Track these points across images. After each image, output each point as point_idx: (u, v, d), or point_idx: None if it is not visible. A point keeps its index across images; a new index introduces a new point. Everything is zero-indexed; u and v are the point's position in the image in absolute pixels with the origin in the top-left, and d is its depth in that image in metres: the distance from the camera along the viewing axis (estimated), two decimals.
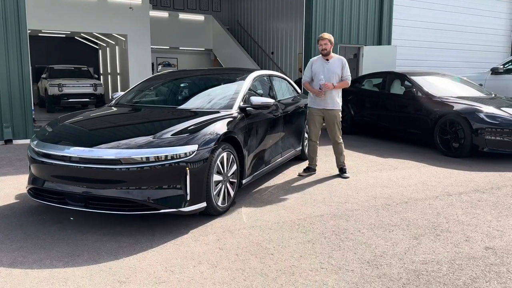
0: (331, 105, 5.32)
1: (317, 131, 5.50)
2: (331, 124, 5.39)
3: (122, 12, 13.79)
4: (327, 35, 5.29)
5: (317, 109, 5.40)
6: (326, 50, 5.28)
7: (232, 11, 19.15)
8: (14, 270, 2.88)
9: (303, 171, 5.57)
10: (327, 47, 5.27)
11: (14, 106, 7.84)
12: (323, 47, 5.28)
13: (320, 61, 5.39)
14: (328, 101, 5.31)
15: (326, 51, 5.28)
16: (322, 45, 5.29)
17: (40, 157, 3.74)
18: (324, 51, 5.30)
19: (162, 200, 3.47)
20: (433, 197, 4.59)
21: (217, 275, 2.81)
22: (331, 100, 5.31)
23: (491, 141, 6.23)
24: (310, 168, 5.59)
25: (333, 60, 5.34)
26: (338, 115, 5.39)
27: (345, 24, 10.86)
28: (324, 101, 5.32)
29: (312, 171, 5.59)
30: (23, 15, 7.75)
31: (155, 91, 5.63)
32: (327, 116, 5.37)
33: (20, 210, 4.10)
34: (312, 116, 5.47)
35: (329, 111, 5.34)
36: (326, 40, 5.26)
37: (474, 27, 13.43)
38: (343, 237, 3.45)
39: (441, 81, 8.09)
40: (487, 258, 3.07)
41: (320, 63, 5.37)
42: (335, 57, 5.39)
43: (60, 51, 18.05)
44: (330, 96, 5.29)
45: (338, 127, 5.42)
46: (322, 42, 5.28)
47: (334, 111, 5.35)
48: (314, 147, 5.57)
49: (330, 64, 5.30)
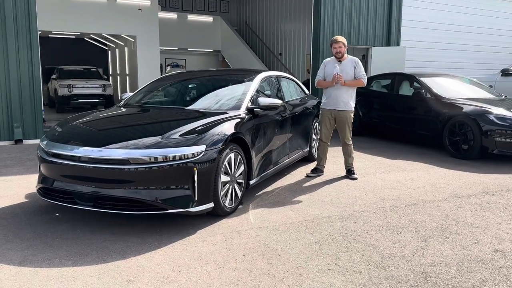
0: (342, 106, 5.29)
1: (327, 132, 5.47)
2: (341, 125, 5.37)
3: (131, 13, 13.88)
4: (341, 38, 5.22)
5: (328, 110, 5.38)
6: (341, 54, 5.23)
7: (241, 12, 19.18)
8: (24, 268, 2.91)
9: (311, 172, 5.56)
10: (341, 50, 5.21)
11: (24, 107, 7.93)
12: (337, 51, 5.22)
13: (333, 62, 5.36)
14: (340, 102, 5.27)
15: (341, 54, 5.23)
16: (336, 49, 5.23)
17: (49, 157, 3.78)
18: (338, 55, 5.24)
19: (170, 200, 3.48)
20: (442, 199, 4.55)
21: (224, 275, 2.82)
22: (343, 101, 5.27)
23: (501, 143, 6.17)
24: (317, 169, 5.58)
25: (346, 61, 5.30)
26: (350, 116, 5.35)
27: (353, 25, 10.83)
28: (336, 102, 5.29)
29: (320, 172, 5.57)
30: (33, 16, 7.84)
31: (163, 92, 5.66)
32: (338, 117, 5.35)
33: (30, 209, 4.15)
34: (323, 117, 5.46)
35: (341, 112, 5.31)
36: (341, 43, 5.20)
37: (484, 28, 13.31)
38: (350, 239, 3.44)
39: (450, 82, 8.03)
40: (496, 261, 3.04)
41: (333, 64, 5.34)
42: (348, 58, 5.34)
43: (70, 52, 18.22)
44: (342, 97, 5.25)
45: (349, 129, 5.38)
46: (337, 46, 5.22)
47: (346, 112, 5.31)
48: (324, 148, 5.54)
49: (343, 65, 5.25)
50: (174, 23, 17.52)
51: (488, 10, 13.33)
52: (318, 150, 5.66)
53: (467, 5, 12.86)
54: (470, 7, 12.92)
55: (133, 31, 14.17)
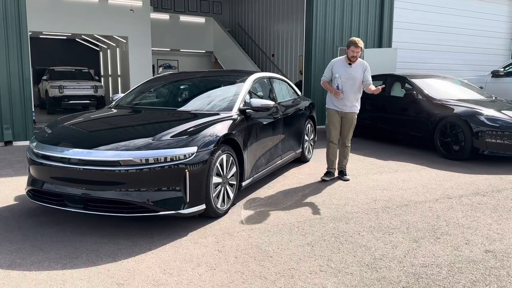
0: (349, 108, 5.27)
1: (337, 132, 5.34)
2: (347, 126, 5.34)
3: (123, 14, 13.81)
4: (362, 43, 5.07)
5: (336, 110, 5.30)
6: (356, 58, 5.14)
7: (233, 13, 19.18)
8: (12, 272, 2.87)
9: (325, 175, 5.39)
10: (357, 55, 5.13)
11: (14, 108, 7.84)
12: (355, 55, 5.10)
13: (342, 64, 5.23)
14: (347, 104, 5.24)
15: (355, 59, 5.15)
16: (354, 52, 5.09)
17: (39, 158, 3.73)
18: (353, 59, 5.14)
19: (161, 202, 3.46)
20: (433, 200, 4.57)
21: (215, 277, 2.80)
22: (349, 103, 5.24)
23: (492, 144, 6.22)
24: (330, 173, 5.41)
25: (356, 64, 5.19)
26: (355, 118, 5.34)
27: (345, 26, 10.87)
28: (342, 104, 5.24)
29: (332, 176, 5.40)
30: (23, 16, 7.75)
31: (155, 93, 5.63)
32: (344, 118, 5.31)
33: (19, 211, 4.10)
34: (331, 116, 5.33)
35: (347, 113, 5.29)
36: (360, 48, 5.06)
37: (475, 30, 13.44)
38: (342, 240, 3.44)
39: (441, 83, 8.08)
40: (487, 261, 3.06)
41: (342, 66, 5.21)
42: (359, 61, 5.23)
43: (61, 53, 18.09)
44: (348, 100, 5.22)
45: (352, 131, 5.38)
46: (356, 50, 5.07)
47: (353, 113, 5.30)
48: (334, 150, 5.40)
49: (353, 69, 5.16)
50: (166, 24, 17.47)
51: (478, 12, 13.46)
52: (327, 153, 5.46)
53: (458, 7, 12.98)
54: (460, 9, 13.04)
55: (125, 32, 14.11)
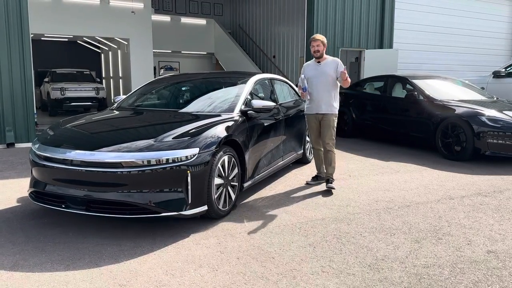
0: (325, 110, 4.96)
1: (316, 137, 5.19)
2: (324, 128, 4.99)
3: (124, 16, 13.85)
4: (319, 36, 4.98)
5: (312, 115, 5.10)
6: (319, 52, 4.95)
7: (234, 15, 19.19)
8: (15, 273, 2.88)
9: (312, 180, 5.32)
10: (319, 49, 4.94)
11: (16, 110, 7.87)
12: (315, 49, 4.95)
13: (312, 64, 5.12)
14: (322, 105, 4.99)
15: (319, 53, 4.96)
16: (314, 47, 4.94)
17: (41, 160, 3.75)
18: (316, 53, 4.95)
19: (163, 203, 3.47)
20: (435, 200, 4.57)
21: (218, 278, 2.81)
22: (325, 104, 4.98)
23: (493, 144, 6.21)
24: (318, 177, 5.32)
25: (326, 62, 4.99)
26: (333, 120, 4.98)
27: (346, 27, 10.88)
28: (318, 105, 5.01)
29: (321, 179, 5.28)
30: (25, 19, 7.79)
31: (156, 95, 5.64)
32: (322, 121, 5.04)
33: (22, 213, 4.11)
34: (309, 122, 5.20)
35: (323, 116, 5.01)
36: (319, 41, 4.91)
37: (476, 31, 13.44)
38: (344, 241, 3.44)
39: (442, 84, 8.08)
40: (489, 262, 3.06)
41: (311, 66, 5.10)
42: (329, 59, 5.04)
43: (63, 55, 18.14)
44: (324, 100, 4.97)
45: (332, 133, 4.98)
46: (315, 44, 4.93)
47: (329, 115, 4.97)
48: (319, 154, 5.25)
49: (322, 67, 4.98)
50: (168, 25, 17.49)
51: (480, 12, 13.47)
52: (314, 158, 5.40)
53: (459, 8, 12.99)
54: (462, 10, 13.06)
55: (127, 34, 14.14)
